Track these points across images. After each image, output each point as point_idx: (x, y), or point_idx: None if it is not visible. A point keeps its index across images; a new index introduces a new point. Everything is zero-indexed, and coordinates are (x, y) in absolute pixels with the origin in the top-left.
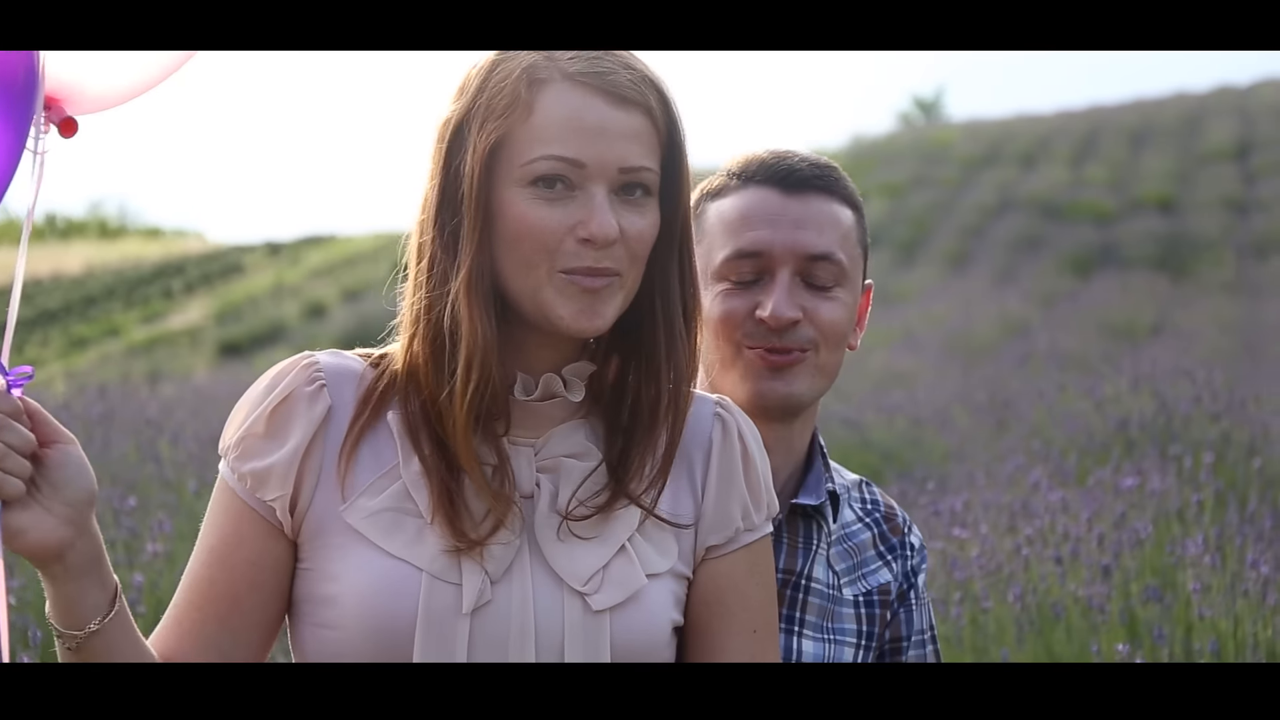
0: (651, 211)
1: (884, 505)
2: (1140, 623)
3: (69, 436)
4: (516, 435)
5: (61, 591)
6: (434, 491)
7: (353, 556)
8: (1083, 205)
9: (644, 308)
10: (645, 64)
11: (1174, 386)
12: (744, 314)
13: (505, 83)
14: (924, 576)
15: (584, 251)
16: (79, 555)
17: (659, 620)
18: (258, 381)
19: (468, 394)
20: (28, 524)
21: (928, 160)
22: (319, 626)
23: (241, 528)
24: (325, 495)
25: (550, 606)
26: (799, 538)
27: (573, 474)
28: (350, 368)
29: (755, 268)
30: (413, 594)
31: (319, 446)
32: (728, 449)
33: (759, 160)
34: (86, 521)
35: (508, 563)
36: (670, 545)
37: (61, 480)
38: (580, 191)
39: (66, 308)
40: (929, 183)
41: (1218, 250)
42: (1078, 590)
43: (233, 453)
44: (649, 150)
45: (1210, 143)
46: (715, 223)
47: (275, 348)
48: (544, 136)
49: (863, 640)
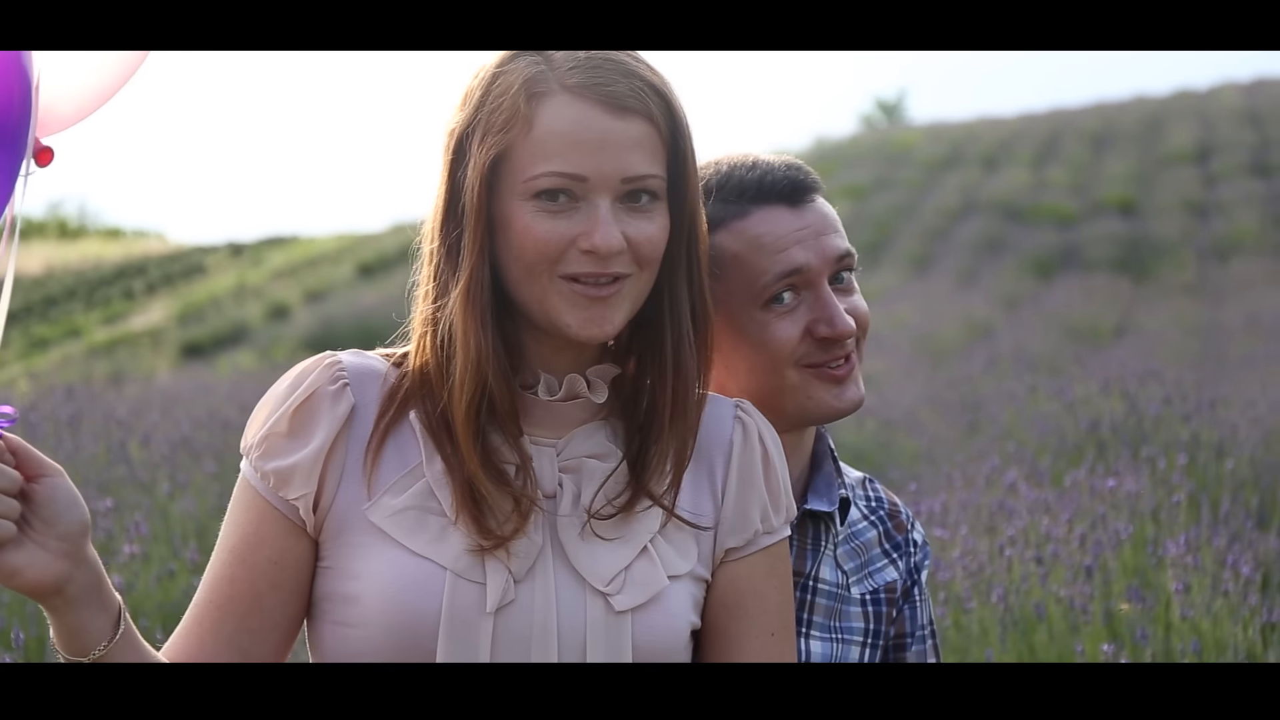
0: (660, 215)
1: (888, 502)
2: (1122, 623)
3: (55, 468)
4: (539, 435)
5: (64, 622)
6: (458, 490)
7: (376, 555)
8: (1045, 208)
9: (656, 309)
10: (647, 65)
11: (1143, 388)
12: (799, 336)
13: (505, 96)
14: (926, 573)
15: (587, 260)
16: (79, 586)
17: (679, 622)
18: (280, 381)
19: (464, 403)
20: (23, 563)
21: (890, 162)
22: (340, 624)
23: (263, 527)
24: (348, 494)
25: (573, 606)
26: (808, 539)
27: (595, 474)
28: (373, 367)
29: (793, 283)
30: (437, 592)
31: (342, 445)
32: (748, 451)
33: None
34: (83, 551)
35: (531, 562)
36: (690, 547)
37: (53, 515)
38: (584, 203)
39: (27, 308)
40: (892, 185)
41: (1179, 253)
42: (1059, 591)
43: (255, 451)
44: (652, 157)
45: (1171, 146)
46: (750, 247)
47: (238, 349)
48: (545, 152)
49: (869, 639)
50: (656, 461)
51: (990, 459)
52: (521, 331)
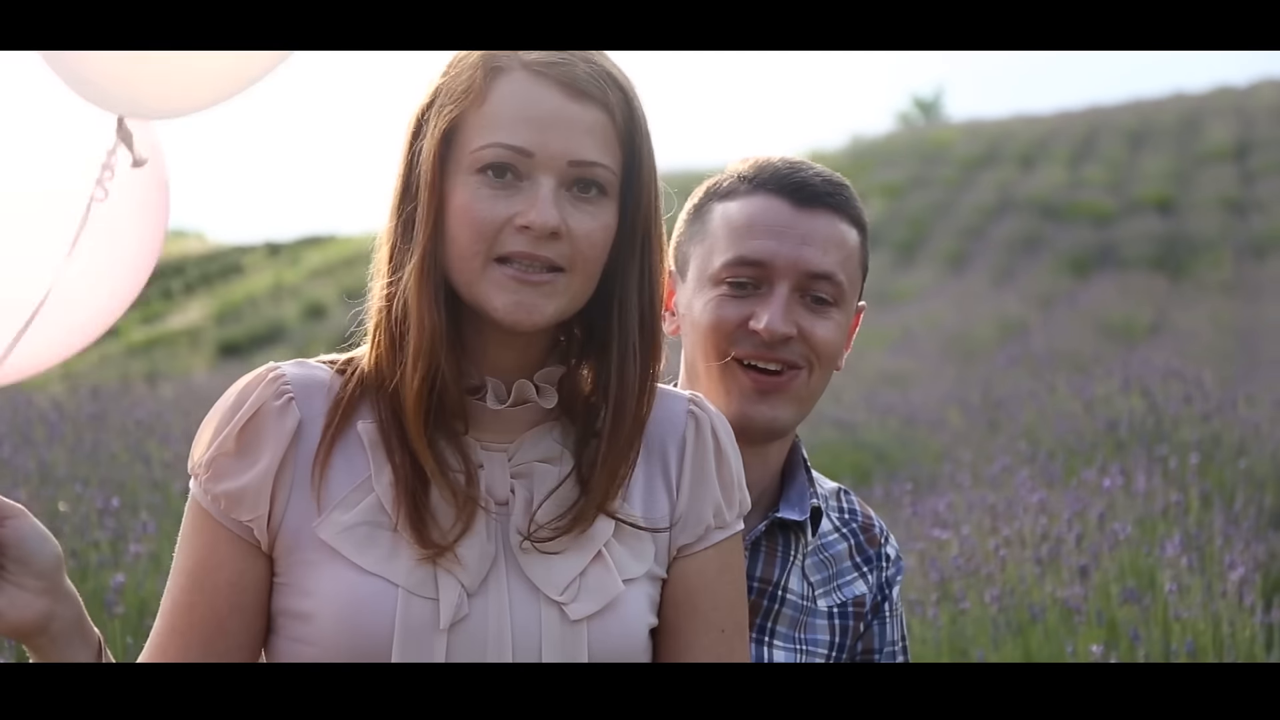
0: (606, 213)
1: (862, 515)
2: (1118, 623)
3: (18, 509)
4: (489, 440)
5: (48, 659)
6: (401, 498)
7: (327, 572)
8: (1081, 206)
9: (604, 314)
10: (610, 61)
11: (1164, 387)
12: (736, 323)
13: (463, 69)
14: (899, 588)
15: (521, 238)
16: (61, 622)
17: (636, 626)
18: (223, 397)
19: (416, 383)
20: (3, 606)
21: (927, 161)
22: (295, 641)
23: (219, 549)
24: (298, 510)
25: (527, 618)
26: (777, 547)
27: (546, 479)
28: (317, 378)
29: (755, 276)
30: (389, 610)
31: (290, 462)
32: (700, 446)
33: (773, 168)
34: (61, 586)
35: (484, 573)
36: (646, 548)
37: (25, 554)
38: (527, 181)
39: None
40: (928, 183)
41: (1216, 250)
42: (1056, 591)
43: (204, 473)
44: (604, 147)
45: (1209, 143)
46: (720, 224)
47: (275, 348)
48: (494, 124)
49: (833, 652)
50: (609, 471)
51: (1004, 458)
52: (465, 324)
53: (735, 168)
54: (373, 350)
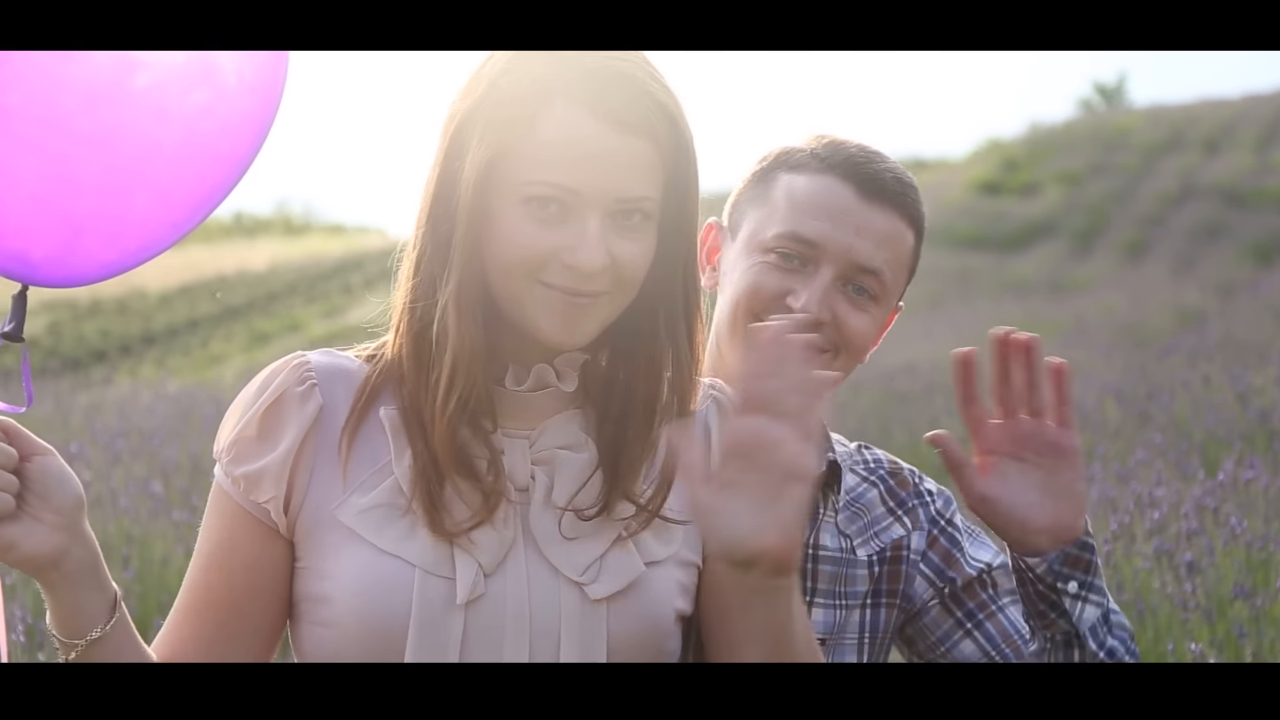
0: (648, 236)
1: (887, 462)
2: (1228, 621)
3: (47, 448)
4: (510, 427)
5: (61, 600)
6: (418, 484)
7: (346, 554)
8: (1268, 192)
9: (643, 317)
10: (661, 85)
11: None
12: (773, 294)
13: (511, 93)
14: (957, 513)
15: (568, 275)
16: (75, 562)
17: (661, 609)
18: (249, 384)
19: (451, 403)
20: (19, 535)
21: (1107, 147)
22: (315, 624)
23: (237, 531)
24: (318, 493)
25: (546, 597)
26: None
27: (567, 466)
28: (342, 366)
29: (803, 254)
30: (406, 589)
31: (311, 446)
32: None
33: (846, 152)
34: (79, 527)
35: (502, 555)
36: (672, 531)
37: (46, 489)
38: (574, 215)
39: (250, 304)
40: (1108, 170)
41: None
42: (1165, 587)
43: (226, 456)
44: (649, 179)
45: None
46: (783, 195)
47: None
48: (543, 159)
49: (868, 600)
50: (636, 460)
51: (1139, 452)
52: (490, 324)
53: (810, 142)
54: (395, 345)
